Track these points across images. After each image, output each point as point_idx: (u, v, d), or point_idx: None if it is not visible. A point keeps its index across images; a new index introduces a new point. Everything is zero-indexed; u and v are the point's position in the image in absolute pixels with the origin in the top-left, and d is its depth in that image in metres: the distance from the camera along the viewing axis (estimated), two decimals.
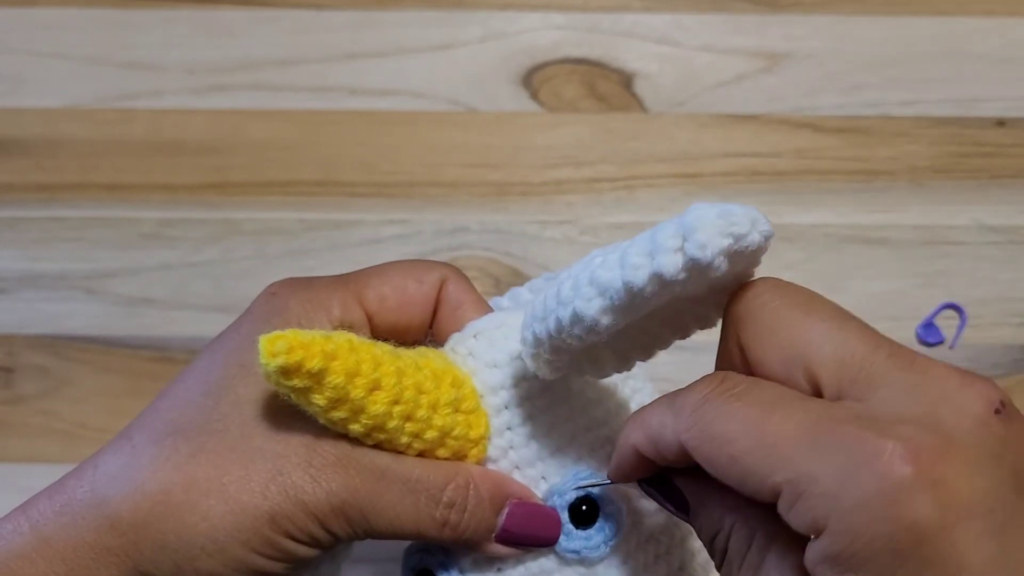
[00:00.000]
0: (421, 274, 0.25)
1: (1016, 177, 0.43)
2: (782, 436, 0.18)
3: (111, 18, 0.46)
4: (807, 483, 0.17)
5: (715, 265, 0.18)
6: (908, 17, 0.46)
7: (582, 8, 0.46)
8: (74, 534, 0.22)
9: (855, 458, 0.17)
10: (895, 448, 0.17)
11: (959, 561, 0.16)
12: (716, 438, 0.19)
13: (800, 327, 0.19)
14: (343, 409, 0.21)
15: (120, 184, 0.42)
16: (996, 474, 0.17)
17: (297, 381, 0.20)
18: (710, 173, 0.43)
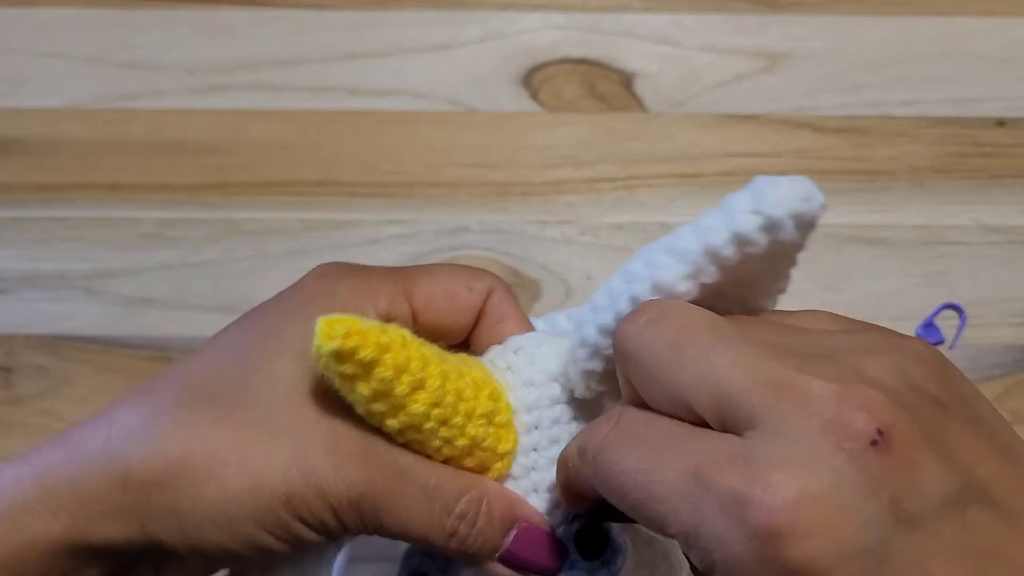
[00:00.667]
0: (471, 281, 0.25)
1: (1016, 177, 0.43)
2: (668, 489, 0.18)
3: (111, 18, 0.46)
4: (694, 534, 0.18)
5: (786, 225, 0.19)
6: (908, 17, 0.46)
7: (582, 8, 0.46)
8: (82, 486, 0.21)
9: (730, 510, 0.17)
10: (765, 499, 0.17)
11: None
12: (615, 489, 0.19)
13: (675, 372, 0.19)
14: (384, 403, 0.21)
15: (120, 184, 0.42)
16: (870, 510, 0.16)
17: (347, 367, 0.20)
18: (710, 173, 0.43)
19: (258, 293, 0.40)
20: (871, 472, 0.17)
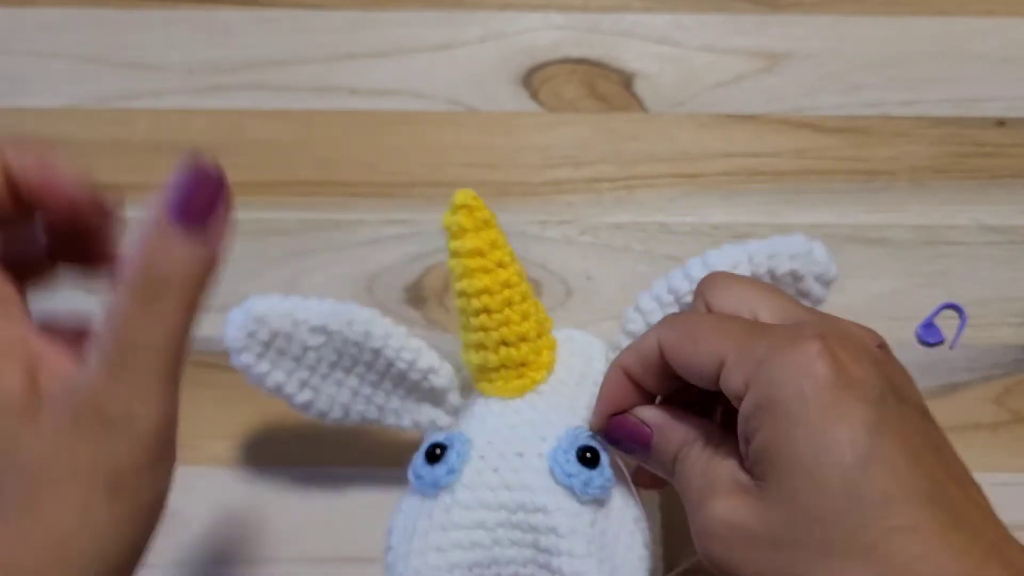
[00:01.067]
0: None
1: (1016, 177, 0.43)
2: (732, 327, 0.25)
3: (111, 18, 0.46)
4: (747, 352, 0.24)
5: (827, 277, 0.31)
6: (908, 17, 0.46)
7: (582, 8, 0.46)
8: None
9: (781, 338, 0.24)
10: (811, 334, 0.23)
11: (843, 410, 0.22)
12: (686, 331, 0.25)
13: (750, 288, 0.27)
14: (484, 259, 0.27)
15: (120, 184, 0.42)
16: (880, 374, 0.23)
17: (469, 219, 0.27)
18: (710, 173, 0.43)
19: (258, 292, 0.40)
20: (880, 357, 0.24)
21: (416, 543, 0.28)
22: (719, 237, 0.41)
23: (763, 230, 0.42)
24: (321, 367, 0.30)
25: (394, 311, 0.40)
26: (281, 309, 0.29)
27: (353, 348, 0.30)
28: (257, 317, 0.29)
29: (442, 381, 0.31)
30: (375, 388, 0.31)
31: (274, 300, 0.29)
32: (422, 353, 0.31)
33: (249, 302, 0.29)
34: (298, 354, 0.30)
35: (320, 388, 0.31)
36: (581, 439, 0.28)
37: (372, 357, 0.30)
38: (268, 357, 0.30)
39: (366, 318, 0.30)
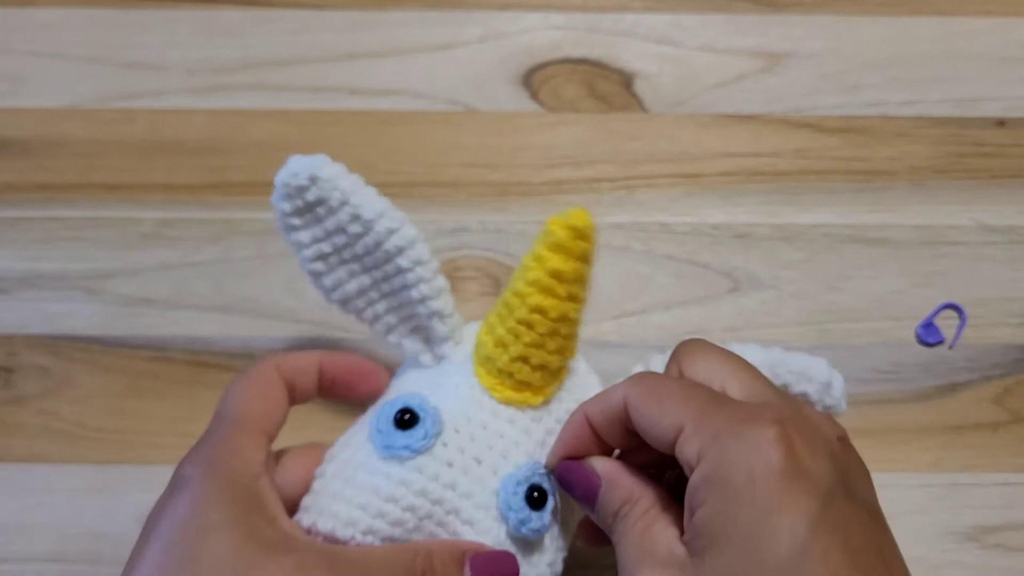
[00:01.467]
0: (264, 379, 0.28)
1: (1016, 177, 0.43)
2: (697, 396, 0.25)
3: (112, 18, 0.46)
4: (705, 424, 0.24)
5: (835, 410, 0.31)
6: (908, 17, 0.46)
7: (582, 8, 0.46)
8: None
9: (740, 415, 0.24)
10: (770, 417, 0.24)
11: (788, 499, 0.22)
12: (651, 390, 0.26)
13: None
14: (573, 288, 0.27)
15: (120, 184, 0.42)
16: (834, 468, 0.23)
17: (581, 245, 0.26)
18: (710, 173, 0.43)
19: (258, 293, 0.40)
20: (838, 451, 0.24)
21: (346, 491, 0.28)
22: (719, 237, 0.41)
23: (763, 230, 0.42)
24: (345, 252, 0.30)
25: None
26: (339, 183, 0.29)
27: (381, 254, 0.30)
28: (313, 176, 0.29)
29: (443, 329, 0.31)
30: (382, 297, 0.31)
31: (339, 171, 0.29)
32: (440, 295, 0.30)
33: (317, 160, 0.29)
34: (331, 230, 0.30)
35: (335, 269, 0.30)
36: (536, 477, 0.28)
37: (394, 272, 0.30)
38: (305, 216, 0.30)
39: (408, 237, 0.29)
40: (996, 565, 0.36)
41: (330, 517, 0.27)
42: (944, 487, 0.37)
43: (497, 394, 0.29)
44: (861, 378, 0.39)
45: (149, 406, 0.39)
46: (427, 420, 0.28)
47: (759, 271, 0.41)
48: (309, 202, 0.29)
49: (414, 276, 0.29)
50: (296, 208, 0.29)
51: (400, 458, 0.28)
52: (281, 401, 0.28)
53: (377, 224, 0.29)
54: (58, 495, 0.37)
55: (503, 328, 0.28)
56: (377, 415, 0.29)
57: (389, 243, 0.29)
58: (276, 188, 0.29)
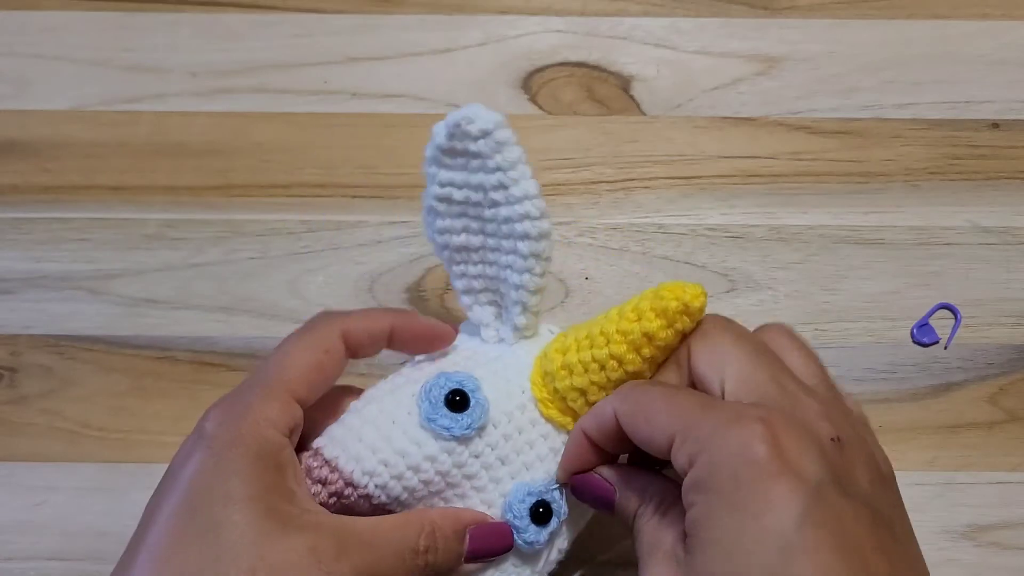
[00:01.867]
0: (321, 343, 0.28)
1: (1010, 179, 0.43)
2: (684, 404, 0.25)
3: (115, 21, 0.46)
4: (693, 430, 0.24)
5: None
6: (903, 20, 0.46)
7: (580, 12, 0.47)
8: None
9: (726, 417, 0.24)
10: (755, 415, 0.24)
11: (774, 495, 0.22)
12: (639, 405, 0.26)
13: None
14: (660, 352, 0.28)
15: (124, 186, 0.43)
16: (824, 464, 0.23)
17: (684, 321, 0.27)
18: (707, 175, 0.43)
19: (260, 294, 0.41)
20: (830, 450, 0.24)
21: (376, 442, 0.28)
22: (716, 238, 0.42)
23: (759, 231, 0.42)
24: (472, 208, 0.30)
25: None
26: (506, 149, 0.28)
27: (506, 229, 0.29)
28: (486, 131, 0.28)
29: (521, 321, 0.31)
30: (481, 262, 0.31)
31: (510, 137, 0.29)
32: (537, 292, 0.30)
33: (496, 118, 0.28)
34: (472, 184, 0.29)
35: (454, 216, 0.30)
36: (548, 495, 0.29)
37: (508, 249, 0.30)
38: (455, 159, 0.29)
39: (541, 229, 0.29)
40: (991, 563, 0.37)
41: (352, 459, 0.28)
42: (940, 486, 0.38)
43: (544, 408, 0.30)
44: (857, 378, 0.39)
45: (152, 406, 0.39)
46: (475, 411, 0.28)
47: (755, 272, 0.41)
48: (468, 150, 0.29)
49: (525, 265, 0.29)
50: (452, 148, 0.29)
51: (437, 434, 0.28)
52: (332, 367, 0.28)
53: (520, 204, 0.29)
54: (62, 494, 0.37)
55: (576, 356, 0.29)
56: (432, 383, 0.29)
57: (521, 225, 0.29)
58: (446, 121, 0.29)
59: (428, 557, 0.27)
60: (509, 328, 0.31)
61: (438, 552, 0.27)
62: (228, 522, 0.24)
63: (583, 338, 0.29)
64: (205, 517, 0.24)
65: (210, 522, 0.24)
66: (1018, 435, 0.39)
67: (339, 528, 0.25)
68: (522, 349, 0.31)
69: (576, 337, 0.29)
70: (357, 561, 0.25)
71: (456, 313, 0.40)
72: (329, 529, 0.25)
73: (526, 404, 0.30)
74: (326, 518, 0.26)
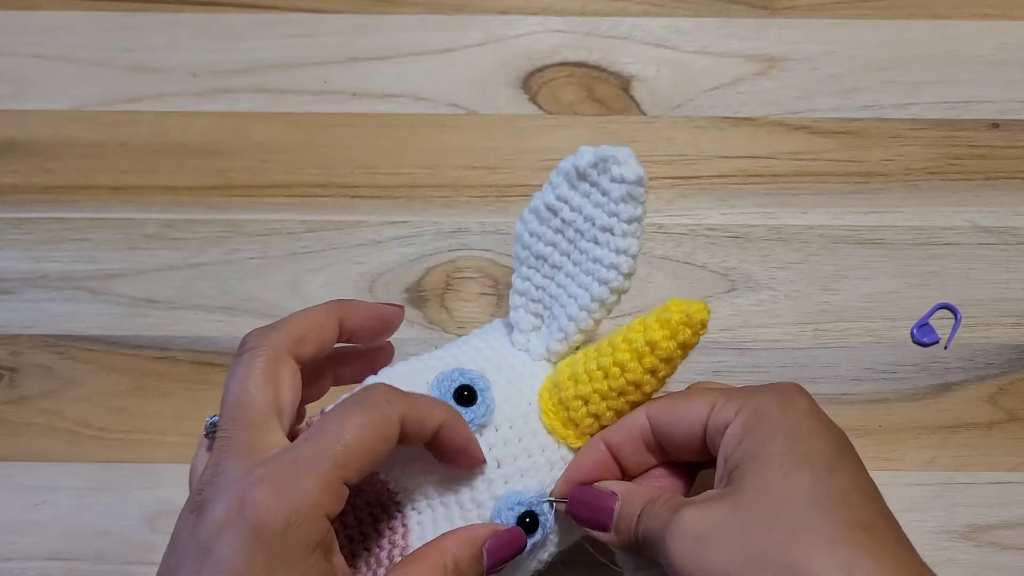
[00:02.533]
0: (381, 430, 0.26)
1: (1010, 179, 0.43)
2: (717, 387, 0.29)
3: (115, 21, 0.46)
4: (736, 394, 0.28)
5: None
6: (903, 20, 0.46)
7: (580, 12, 0.47)
8: None
9: (761, 387, 0.28)
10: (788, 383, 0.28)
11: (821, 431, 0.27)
12: (675, 397, 0.29)
13: None
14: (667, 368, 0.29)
15: (124, 186, 0.43)
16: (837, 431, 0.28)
17: (691, 339, 0.28)
18: (707, 175, 0.43)
19: (260, 294, 0.41)
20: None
21: None
22: (715, 238, 0.42)
23: (759, 231, 0.42)
24: (570, 231, 0.31)
25: None
26: (634, 204, 0.29)
27: (588, 266, 0.30)
28: (641, 180, 0.29)
29: (557, 346, 0.31)
30: (549, 279, 0.32)
31: (643, 194, 0.29)
32: (586, 329, 0.31)
33: (643, 173, 0.29)
34: (583, 213, 0.30)
35: (549, 230, 0.31)
36: (537, 507, 0.29)
37: (581, 284, 0.31)
38: (581, 184, 0.30)
39: (618, 284, 0.30)
40: (991, 563, 0.37)
41: None
42: (939, 486, 0.38)
43: (547, 419, 0.30)
44: (856, 378, 0.39)
45: (153, 405, 0.39)
46: (480, 408, 0.29)
47: (755, 272, 0.41)
48: (601, 185, 0.30)
49: (588, 304, 0.30)
50: (586, 175, 0.30)
51: None
52: (384, 453, 0.26)
53: (617, 256, 0.30)
54: (62, 494, 0.37)
55: (583, 366, 0.30)
56: (446, 374, 0.30)
57: (608, 273, 0.30)
58: (597, 152, 0.29)
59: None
60: (541, 345, 0.32)
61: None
62: None
63: (591, 351, 0.30)
64: None
65: None
66: (1018, 435, 0.39)
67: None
68: (540, 367, 0.32)
69: (585, 352, 0.30)
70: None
71: (456, 313, 0.40)
72: None
73: (530, 414, 0.30)
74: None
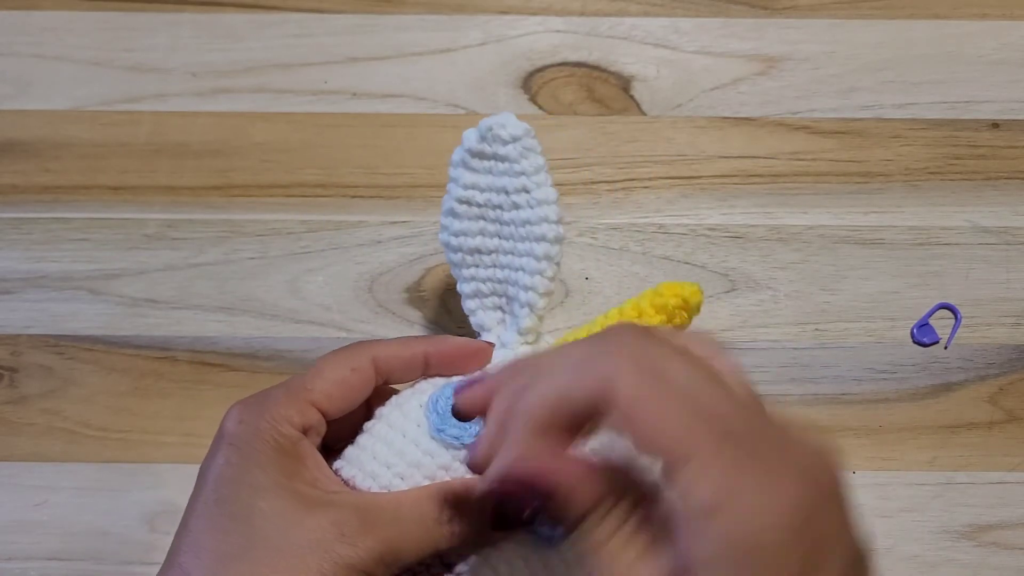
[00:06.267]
0: (349, 362, 0.29)
1: (1010, 179, 0.43)
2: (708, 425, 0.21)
3: (116, 21, 0.46)
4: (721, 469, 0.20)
5: None
6: (903, 20, 0.46)
7: (580, 12, 0.47)
8: None
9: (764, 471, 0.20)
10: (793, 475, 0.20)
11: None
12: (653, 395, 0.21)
13: None
14: None
15: (124, 186, 0.43)
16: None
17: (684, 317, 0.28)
18: (707, 175, 0.43)
19: (261, 294, 0.41)
20: None
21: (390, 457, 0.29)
22: (715, 238, 0.42)
23: (759, 231, 0.42)
24: (492, 212, 0.31)
25: (395, 312, 0.40)
26: (532, 155, 0.30)
27: (524, 232, 0.30)
28: (517, 136, 0.30)
29: (526, 323, 0.31)
30: (493, 265, 0.32)
31: (537, 146, 0.30)
32: (546, 295, 0.31)
33: (525, 126, 0.30)
34: (495, 187, 0.31)
35: (472, 219, 0.32)
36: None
37: (523, 252, 0.31)
38: (482, 162, 0.31)
39: (558, 234, 0.30)
40: (991, 563, 0.37)
41: (368, 477, 0.29)
42: (939, 486, 0.38)
43: None
44: (857, 378, 0.39)
45: (153, 405, 0.39)
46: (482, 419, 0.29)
47: (755, 272, 0.41)
48: (497, 154, 0.31)
49: (538, 267, 0.30)
50: (481, 151, 0.31)
51: (448, 444, 0.29)
52: (357, 385, 0.29)
53: (540, 208, 0.30)
54: (62, 494, 0.37)
55: None
56: (438, 395, 0.29)
57: (539, 228, 0.30)
58: (478, 127, 0.31)
59: (452, 527, 0.27)
60: (513, 332, 0.31)
61: (462, 522, 0.27)
62: (256, 509, 0.26)
63: (583, 336, 0.29)
64: (235, 506, 0.26)
65: (240, 511, 0.26)
66: (1018, 435, 0.39)
67: (361, 504, 0.27)
68: (522, 352, 0.31)
69: (576, 336, 0.30)
70: (381, 534, 0.26)
71: (456, 314, 0.40)
72: (352, 505, 0.26)
73: None
74: (349, 496, 0.27)
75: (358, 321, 0.40)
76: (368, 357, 0.29)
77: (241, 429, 0.27)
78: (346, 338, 0.40)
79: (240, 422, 0.28)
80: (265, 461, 0.27)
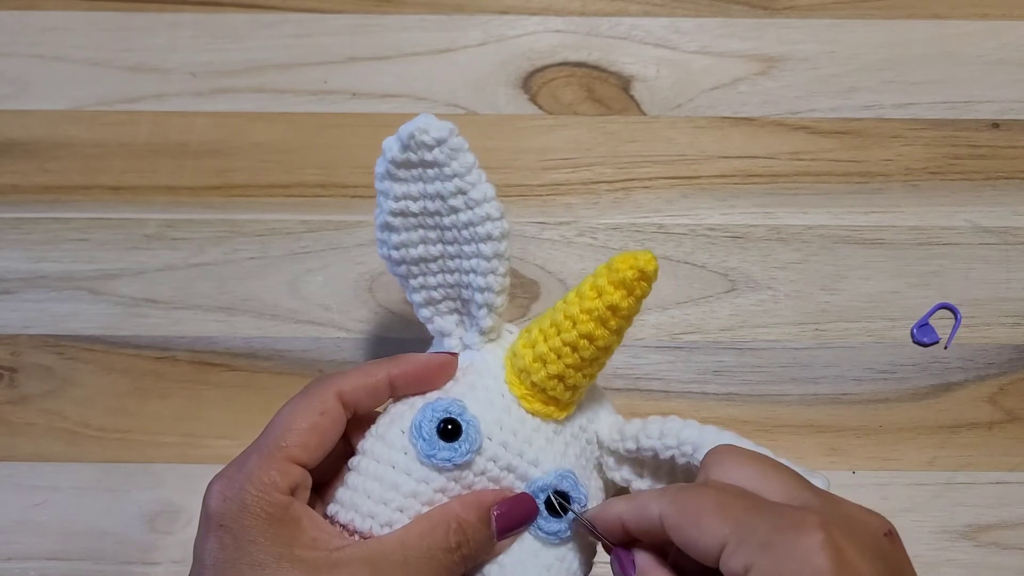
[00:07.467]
0: (316, 406, 0.28)
1: (1010, 178, 0.43)
2: (735, 506, 0.24)
3: (115, 21, 0.46)
4: (748, 535, 0.23)
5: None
6: (903, 20, 0.46)
7: (580, 12, 0.47)
8: None
9: (784, 522, 0.23)
10: (814, 522, 0.23)
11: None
12: (686, 509, 0.25)
13: None
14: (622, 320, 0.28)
15: (124, 186, 0.43)
16: (885, 568, 0.23)
17: (643, 286, 0.27)
18: (707, 175, 0.43)
19: (260, 294, 0.41)
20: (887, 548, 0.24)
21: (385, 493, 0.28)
22: (715, 238, 0.42)
23: (759, 231, 0.42)
24: (430, 219, 0.30)
25: (395, 312, 0.40)
26: (460, 155, 0.29)
27: (467, 234, 0.30)
28: (442, 139, 0.29)
29: (487, 323, 0.30)
30: (442, 271, 0.31)
31: (463, 144, 0.29)
32: (502, 293, 0.30)
33: (448, 126, 0.29)
34: (428, 194, 0.29)
35: (410, 229, 0.30)
36: (564, 483, 0.29)
37: (470, 254, 0.30)
38: (409, 171, 0.29)
39: (503, 229, 0.29)
40: (990, 563, 0.37)
41: (367, 517, 0.28)
42: (939, 486, 0.38)
43: (527, 404, 0.30)
44: (857, 378, 0.39)
45: (153, 405, 0.39)
46: (470, 434, 0.29)
47: (755, 272, 0.41)
48: (423, 160, 0.29)
49: (489, 266, 0.30)
50: (406, 160, 0.29)
51: (441, 468, 0.28)
52: (329, 428, 0.28)
53: (480, 207, 0.29)
54: (62, 493, 0.37)
55: (546, 346, 0.29)
56: (420, 419, 0.29)
57: (483, 228, 0.29)
58: (398, 134, 0.29)
59: (462, 551, 0.27)
60: (474, 333, 0.31)
61: (470, 544, 0.27)
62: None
63: (548, 327, 0.29)
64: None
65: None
66: (1018, 435, 0.39)
67: (369, 556, 0.26)
68: (489, 353, 0.31)
69: (541, 328, 0.29)
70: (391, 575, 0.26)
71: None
72: (359, 560, 0.26)
73: (510, 406, 0.30)
74: (354, 551, 0.26)
75: (358, 321, 0.40)
76: (333, 394, 0.28)
77: (227, 507, 0.26)
78: (346, 338, 0.40)
79: (224, 499, 0.26)
80: (259, 536, 0.26)
